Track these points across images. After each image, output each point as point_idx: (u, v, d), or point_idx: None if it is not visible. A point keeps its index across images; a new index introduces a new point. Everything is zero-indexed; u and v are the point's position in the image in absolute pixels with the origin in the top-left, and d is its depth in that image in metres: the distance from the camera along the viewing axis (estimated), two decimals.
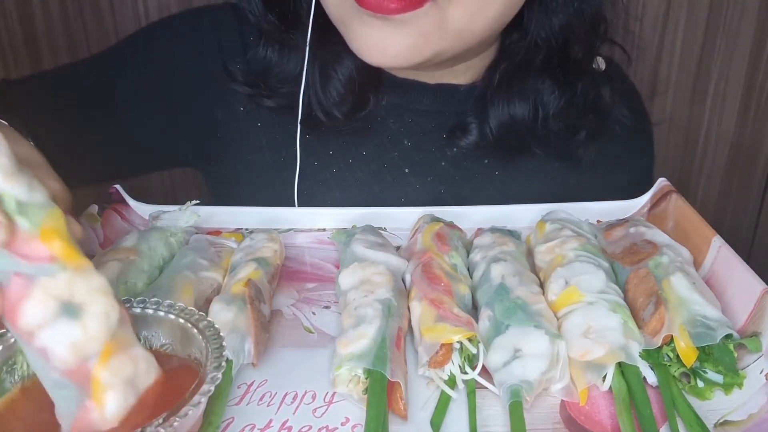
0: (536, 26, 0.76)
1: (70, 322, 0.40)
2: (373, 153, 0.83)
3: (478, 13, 0.66)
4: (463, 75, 0.82)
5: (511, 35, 0.78)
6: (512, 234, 0.68)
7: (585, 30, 0.77)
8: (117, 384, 0.41)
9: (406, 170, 0.83)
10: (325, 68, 0.78)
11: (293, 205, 0.82)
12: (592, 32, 0.77)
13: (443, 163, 0.83)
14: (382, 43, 0.66)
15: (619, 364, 0.52)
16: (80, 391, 0.40)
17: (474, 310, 0.60)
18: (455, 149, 0.83)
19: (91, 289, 0.41)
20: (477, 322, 0.56)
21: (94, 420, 0.40)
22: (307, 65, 0.78)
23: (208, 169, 0.92)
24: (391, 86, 0.81)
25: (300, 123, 0.81)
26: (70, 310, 0.40)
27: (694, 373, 0.52)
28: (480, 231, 0.70)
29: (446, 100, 0.83)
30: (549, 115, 0.79)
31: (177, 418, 0.40)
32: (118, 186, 0.77)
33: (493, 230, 0.69)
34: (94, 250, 0.69)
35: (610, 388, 0.51)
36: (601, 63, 0.82)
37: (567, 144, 0.82)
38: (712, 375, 0.52)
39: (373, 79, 0.80)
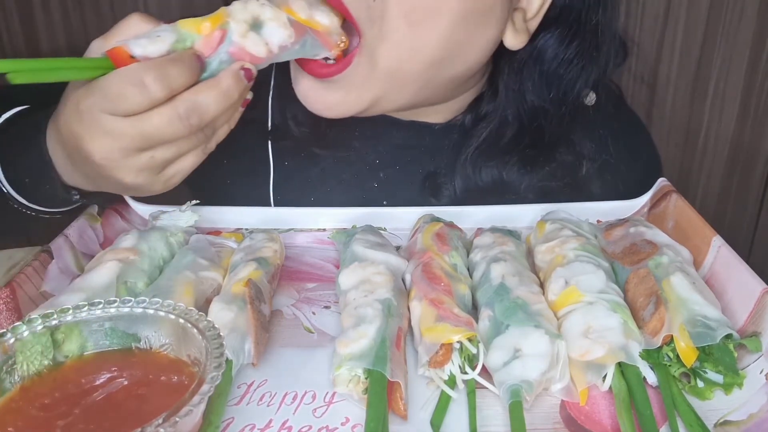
0: (506, 100, 0.75)
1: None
2: (351, 182, 0.81)
3: (406, 54, 0.65)
4: (435, 116, 0.81)
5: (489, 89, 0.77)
6: (512, 234, 0.68)
7: (559, 109, 0.75)
8: None
9: (384, 203, 0.80)
10: (285, 88, 0.75)
11: None
12: (566, 108, 0.75)
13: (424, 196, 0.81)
14: (320, 98, 0.68)
15: (619, 364, 0.52)
16: None
17: (474, 310, 0.60)
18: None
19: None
20: (477, 322, 0.56)
21: None
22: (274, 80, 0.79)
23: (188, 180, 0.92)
24: (361, 119, 0.77)
25: (270, 137, 0.81)
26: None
27: (694, 373, 0.52)
28: (480, 231, 0.70)
29: (420, 137, 0.81)
30: (519, 188, 0.78)
31: (177, 418, 0.40)
32: None
33: (493, 230, 0.69)
34: (94, 250, 0.69)
35: (610, 388, 0.51)
36: (591, 98, 0.79)
37: (544, 195, 0.79)
38: (712, 375, 0.52)
39: None
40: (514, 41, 0.70)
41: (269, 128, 0.82)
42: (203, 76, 0.57)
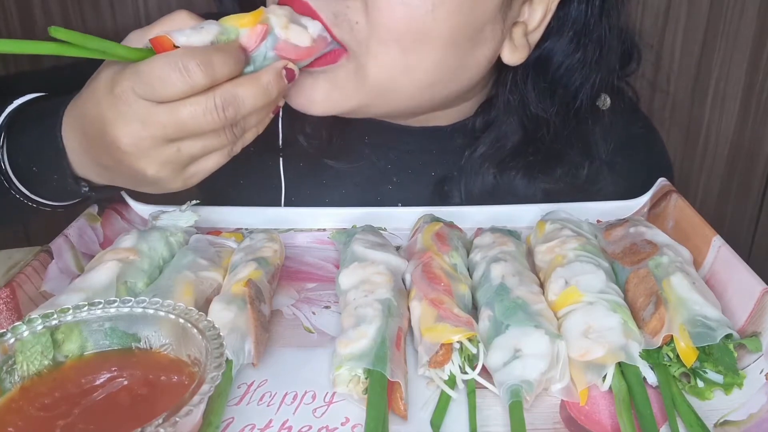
0: (509, 109, 0.75)
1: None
2: (364, 186, 0.82)
3: (399, 74, 0.65)
4: (444, 119, 0.80)
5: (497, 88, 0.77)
6: (512, 234, 0.68)
7: (562, 118, 0.74)
8: None
9: (399, 204, 0.80)
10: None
11: None
12: (569, 117, 0.75)
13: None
14: (305, 92, 0.67)
15: (619, 364, 0.52)
16: None
17: (474, 310, 0.60)
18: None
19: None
20: (477, 322, 0.56)
21: None
22: None
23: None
24: (371, 127, 0.78)
25: (281, 152, 0.81)
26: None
27: (694, 373, 0.52)
28: (480, 231, 0.70)
29: (431, 141, 0.81)
30: (524, 194, 0.78)
31: (177, 418, 0.40)
32: None
33: (493, 230, 0.69)
34: (94, 250, 0.69)
35: (610, 388, 0.51)
36: (605, 101, 0.79)
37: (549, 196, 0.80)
38: (712, 375, 0.52)
39: (349, 120, 0.78)
40: (512, 57, 0.70)
41: (280, 144, 0.81)
42: (247, 70, 0.57)
